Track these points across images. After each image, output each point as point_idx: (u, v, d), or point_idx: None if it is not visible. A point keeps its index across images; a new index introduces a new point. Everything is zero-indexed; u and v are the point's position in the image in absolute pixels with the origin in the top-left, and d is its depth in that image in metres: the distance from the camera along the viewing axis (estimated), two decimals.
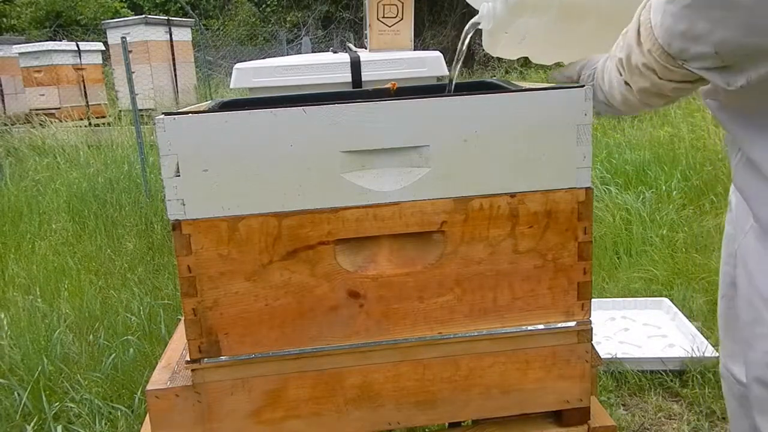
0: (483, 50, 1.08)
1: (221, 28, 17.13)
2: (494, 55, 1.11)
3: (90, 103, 9.67)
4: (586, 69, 0.97)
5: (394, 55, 1.54)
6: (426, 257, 0.89)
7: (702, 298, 2.67)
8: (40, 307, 2.90)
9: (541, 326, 0.93)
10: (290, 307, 0.87)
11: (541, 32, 1.00)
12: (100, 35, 11.30)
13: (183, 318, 0.89)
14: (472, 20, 1.07)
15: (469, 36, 1.10)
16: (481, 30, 1.06)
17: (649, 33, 0.77)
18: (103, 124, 8.26)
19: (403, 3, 1.60)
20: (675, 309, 2.58)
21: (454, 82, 1.16)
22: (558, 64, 1.08)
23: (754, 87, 0.77)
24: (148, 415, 0.92)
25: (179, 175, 0.82)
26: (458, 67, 1.14)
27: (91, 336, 2.59)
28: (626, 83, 0.86)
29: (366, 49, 1.69)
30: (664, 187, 4.06)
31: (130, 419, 2.02)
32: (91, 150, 6.53)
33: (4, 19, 18.17)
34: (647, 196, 3.90)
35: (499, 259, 0.89)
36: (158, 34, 9.17)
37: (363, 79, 1.51)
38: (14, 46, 9.73)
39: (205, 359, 0.88)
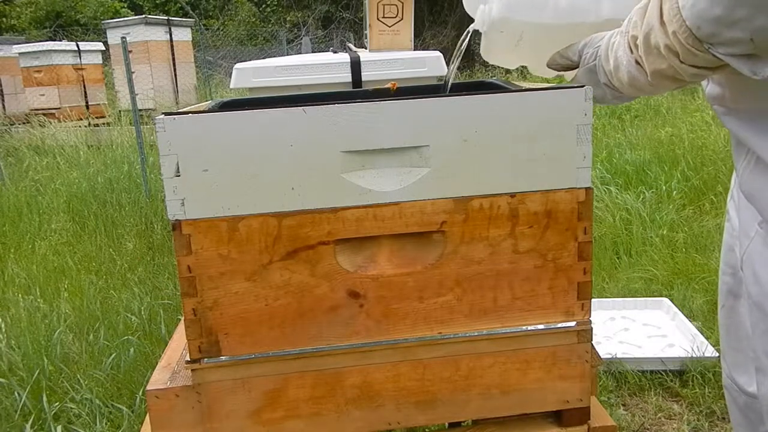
0: None
1: (221, 28, 17.14)
2: (491, 62, 1.10)
3: (90, 103, 9.67)
4: (588, 47, 0.92)
5: (394, 55, 1.54)
6: (426, 257, 0.89)
7: (702, 298, 2.67)
8: (40, 307, 2.90)
9: (541, 326, 0.93)
10: (290, 307, 0.87)
11: (537, 34, 0.99)
12: (100, 35, 11.30)
13: (183, 318, 0.89)
14: (470, 26, 1.06)
15: (466, 41, 1.09)
16: (481, 34, 1.05)
17: (676, 13, 0.72)
18: (103, 124, 8.26)
19: (403, 3, 1.60)
20: (675, 309, 2.58)
21: (449, 83, 1.16)
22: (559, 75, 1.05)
23: (765, 88, 0.76)
24: (148, 415, 0.92)
25: (179, 175, 0.82)
26: (454, 69, 1.13)
27: (91, 336, 2.59)
28: (637, 63, 0.81)
29: (366, 49, 1.69)
30: (664, 187, 4.06)
31: (130, 419, 2.02)
32: (91, 150, 6.53)
33: (4, 19, 18.18)
34: (647, 196, 3.91)
35: (499, 259, 0.89)
36: (158, 34, 9.17)
37: (363, 79, 1.51)
38: (14, 46, 9.73)
39: (205, 359, 0.88)
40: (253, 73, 1.50)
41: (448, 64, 1.59)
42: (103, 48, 10.02)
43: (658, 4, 0.76)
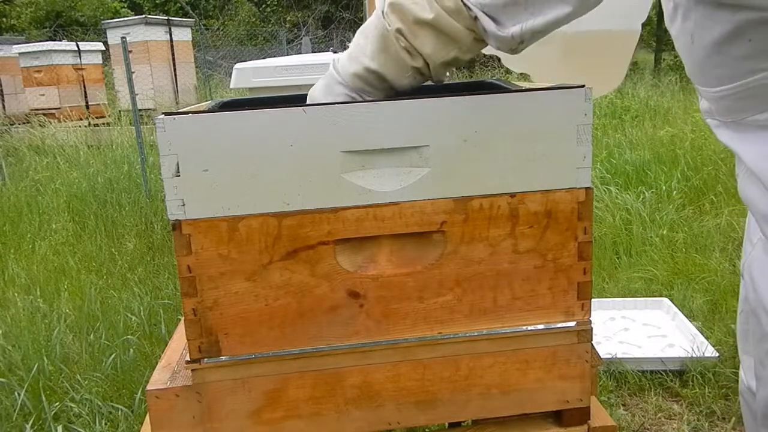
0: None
1: (221, 28, 17.15)
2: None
3: (90, 103, 9.67)
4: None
5: None
6: (426, 257, 0.89)
7: (702, 298, 2.67)
8: (40, 307, 2.90)
9: (541, 326, 0.93)
10: (290, 307, 0.87)
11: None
12: (100, 35, 11.30)
13: (183, 318, 0.89)
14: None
15: None
16: None
17: None
18: (103, 124, 8.26)
19: None
20: (675, 309, 2.58)
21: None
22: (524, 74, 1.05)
23: (747, 91, 0.76)
24: (148, 415, 0.92)
25: (179, 175, 0.82)
26: None
27: (91, 336, 2.59)
28: None
29: None
30: (664, 187, 4.06)
31: (130, 419, 2.02)
32: (91, 150, 6.54)
33: (4, 19, 18.19)
34: (647, 196, 3.91)
35: (499, 259, 0.89)
36: (158, 34, 9.17)
37: None
38: (14, 46, 9.74)
39: (205, 359, 0.88)
40: (253, 73, 1.50)
41: None
42: (103, 48, 10.03)
43: None
